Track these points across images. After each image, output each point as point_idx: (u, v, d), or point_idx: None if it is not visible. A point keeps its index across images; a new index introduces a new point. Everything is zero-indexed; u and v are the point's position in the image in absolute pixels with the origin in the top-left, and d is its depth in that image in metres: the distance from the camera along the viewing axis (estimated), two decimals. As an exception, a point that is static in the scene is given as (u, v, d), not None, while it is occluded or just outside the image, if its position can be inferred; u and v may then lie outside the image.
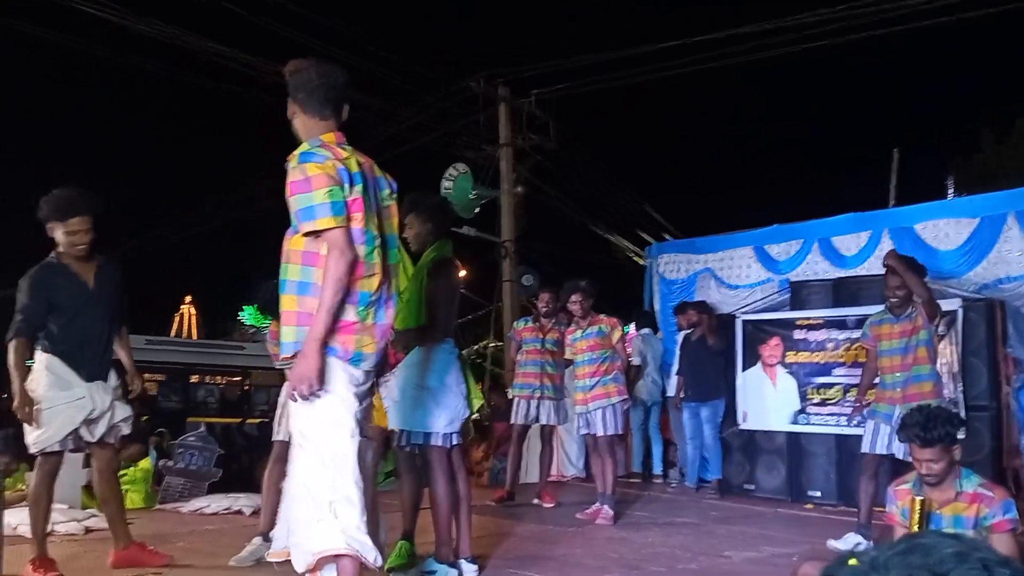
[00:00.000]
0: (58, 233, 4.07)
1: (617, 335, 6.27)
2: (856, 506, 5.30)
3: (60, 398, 4.01)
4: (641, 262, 12.13)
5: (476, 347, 16.37)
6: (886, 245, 7.14)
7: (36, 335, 4.04)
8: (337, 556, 2.80)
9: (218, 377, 16.53)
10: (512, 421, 6.87)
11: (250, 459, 10.46)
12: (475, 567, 4.14)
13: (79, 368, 4.08)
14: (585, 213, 13.63)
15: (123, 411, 4.26)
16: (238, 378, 16.45)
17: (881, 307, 5.39)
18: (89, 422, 4.10)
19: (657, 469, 8.61)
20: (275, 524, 4.50)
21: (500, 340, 15.64)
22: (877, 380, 5.31)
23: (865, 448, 5.16)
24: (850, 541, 4.96)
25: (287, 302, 2.91)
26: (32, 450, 4.07)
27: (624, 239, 13.59)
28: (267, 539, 4.40)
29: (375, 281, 2.94)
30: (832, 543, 4.99)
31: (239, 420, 13.59)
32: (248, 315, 29.39)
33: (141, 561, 4.22)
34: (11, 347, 3.98)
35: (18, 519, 4.64)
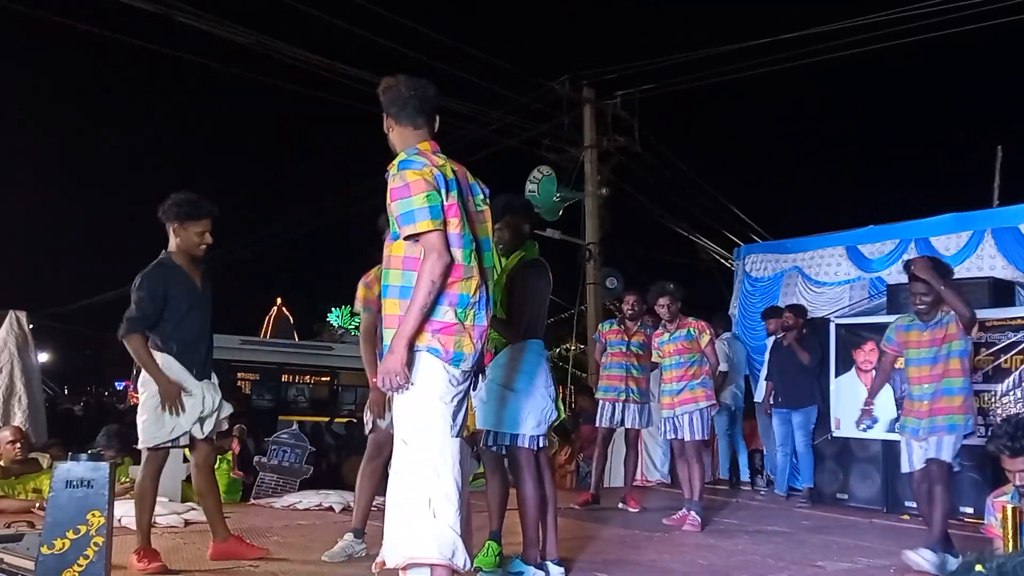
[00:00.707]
0: (182, 234, 4.24)
1: (706, 339, 6.17)
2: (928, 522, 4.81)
3: (157, 410, 4.13)
4: (727, 264, 11.92)
5: (557, 350, 16.37)
6: (988, 245, 6.85)
7: (149, 331, 4.14)
8: (431, 565, 2.87)
9: (308, 377, 16.94)
10: (597, 424, 6.84)
11: (338, 457, 10.71)
12: (561, 569, 4.12)
13: (190, 367, 4.22)
14: (669, 214, 13.47)
15: (227, 409, 4.42)
16: (327, 378, 16.82)
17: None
18: (200, 420, 4.24)
19: (744, 476, 8.44)
20: (367, 520, 4.60)
21: (582, 343, 15.61)
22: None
23: (905, 468, 4.87)
24: (926, 557, 4.51)
25: (389, 306, 3.00)
26: (142, 446, 4.20)
27: (709, 241, 13.38)
28: (359, 535, 4.49)
29: (473, 284, 3.00)
30: (908, 555, 4.66)
31: (327, 419, 13.92)
32: (336, 317, 30.09)
33: (239, 554, 4.35)
34: (130, 343, 4.10)
35: (122, 511, 4.83)
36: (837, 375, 7.32)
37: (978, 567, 0.95)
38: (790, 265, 8.69)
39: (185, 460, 6.43)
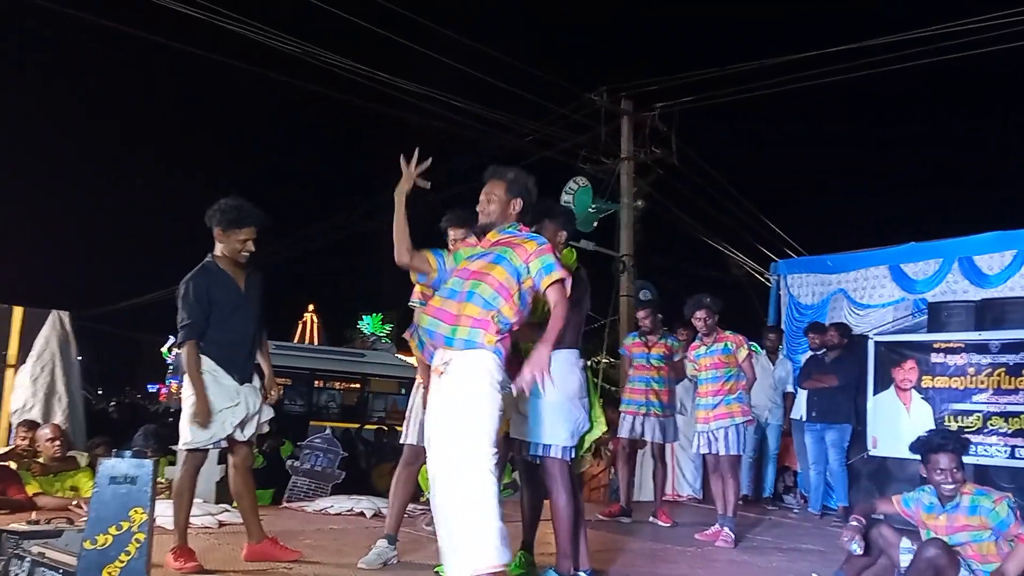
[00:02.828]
0: (225, 240, 4.32)
1: (744, 353, 6.11)
2: None
3: (220, 403, 4.21)
4: (761, 279, 11.81)
5: (589, 362, 16.29)
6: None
7: (203, 337, 4.21)
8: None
9: (339, 383, 17.05)
10: (617, 435, 6.80)
11: (368, 463, 10.76)
12: None
13: (232, 371, 4.27)
14: (704, 227, 13.39)
15: (268, 412, 4.46)
16: (357, 385, 16.93)
17: None
18: (241, 423, 4.30)
19: (767, 492, 8.32)
20: (399, 526, 4.61)
21: (613, 356, 15.51)
22: None
23: None
24: None
25: (471, 309, 3.42)
26: (183, 447, 4.25)
27: (744, 255, 13.28)
28: (392, 542, 4.49)
29: None
30: None
31: (358, 425, 13.98)
32: (368, 323, 30.22)
33: (273, 555, 4.37)
34: (184, 351, 4.17)
35: (158, 511, 4.89)
36: (875, 393, 7.22)
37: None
38: (835, 288, 8.62)
39: (220, 462, 6.51)
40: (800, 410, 7.80)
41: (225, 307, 4.26)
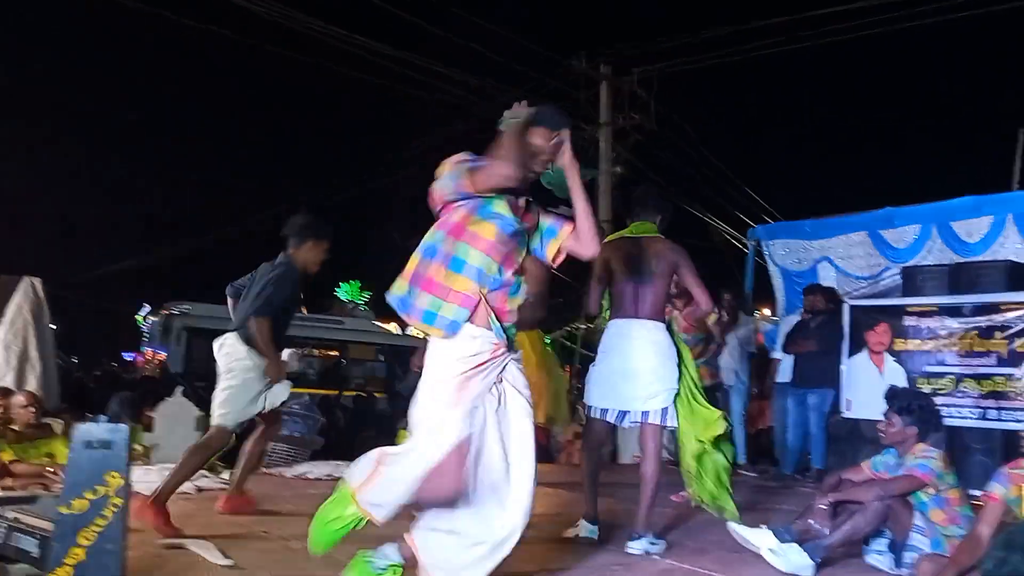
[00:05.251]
0: (305, 251, 4.82)
1: (713, 318, 6.16)
2: None
3: (258, 388, 4.67)
4: (739, 245, 11.87)
5: (567, 328, 16.32)
6: (1012, 232, 6.78)
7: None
8: None
9: (317, 350, 16.97)
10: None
11: (347, 430, 10.77)
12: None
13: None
14: (683, 194, 13.42)
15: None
16: (335, 352, 16.86)
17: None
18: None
19: (740, 457, 8.41)
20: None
21: (590, 323, 15.57)
22: None
23: None
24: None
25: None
26: (229, 422, 4.64)
27: (723, 222, 13.33)
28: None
29: None
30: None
31: (336, 392, 13.96)
32: (345, 291, 30.11)
33: (247, 510, 4.79)
34: (260, 323, 4.60)
35: (134, 477, 4.87)
36: (849, 356, 7.30)
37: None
38: (819, 255, 8.65)
39: (197, 429, 6.49)
40: (786, 374, 7.89)
41: (289, 307, 4.82)
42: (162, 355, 13.75)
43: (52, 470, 5.47)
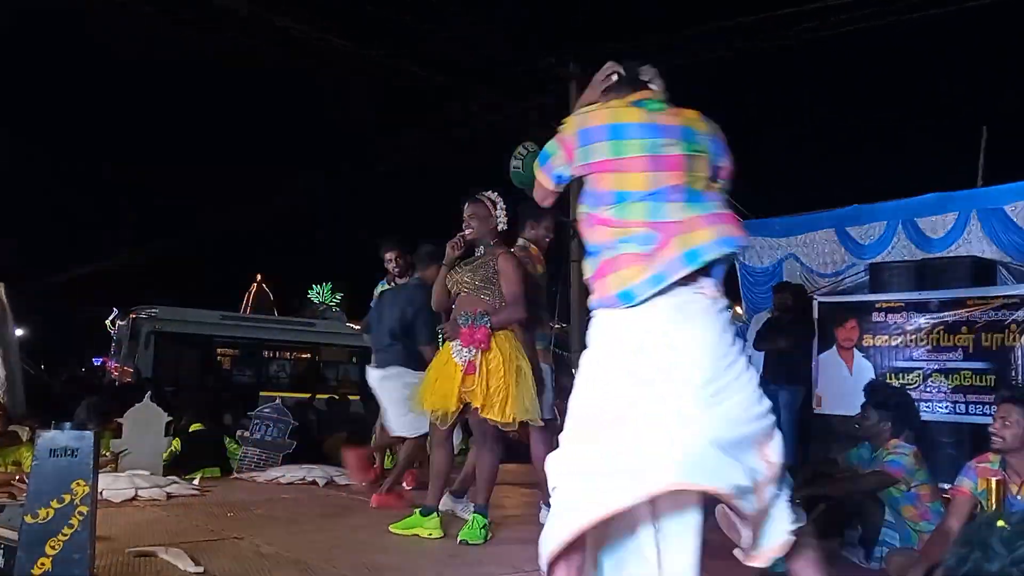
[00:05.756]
0: (433, 272, 5.10)
1: None
2: None
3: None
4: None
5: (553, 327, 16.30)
6: (975, 228, 6.88)
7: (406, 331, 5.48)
8: None
9: (289, 352, 16.86)
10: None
11: (320, 434, 10.67)
12: None
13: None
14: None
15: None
16: (308, 354, 16.76)
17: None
18: None
19: None
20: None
21: (564, 321, 15.58)
22: None
23: None
24: None
25: None
26: (410, 433, 5.34)
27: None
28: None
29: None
30: None
31: (309, 396, 13.87)
32: (317, 293, 29.91)
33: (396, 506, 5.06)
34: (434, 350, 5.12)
35: (103, 484, 4.80)
36: (819, 352, 7.38)
37: (999, 522, 0.94)
38: (785, 252, 8.72)
39: (166, 434, 6.41)
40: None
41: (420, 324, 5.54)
42: (129, 369, 13.56)
43: (19, 478, 5.38)
